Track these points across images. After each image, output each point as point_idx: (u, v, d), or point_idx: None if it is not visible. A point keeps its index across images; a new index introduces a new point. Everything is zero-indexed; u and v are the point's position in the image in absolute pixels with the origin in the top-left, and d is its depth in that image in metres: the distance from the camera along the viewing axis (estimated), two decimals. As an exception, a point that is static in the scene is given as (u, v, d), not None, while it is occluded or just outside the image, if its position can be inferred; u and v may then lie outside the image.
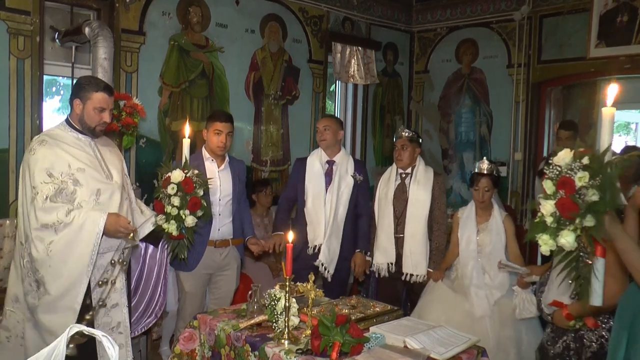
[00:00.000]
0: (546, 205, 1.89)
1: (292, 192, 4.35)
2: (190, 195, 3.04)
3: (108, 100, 2.99)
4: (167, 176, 3.06)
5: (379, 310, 2.99)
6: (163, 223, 3.05)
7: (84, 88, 2.97)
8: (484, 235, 3.89)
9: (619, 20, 5.50)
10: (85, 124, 2.98)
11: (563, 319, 2.81)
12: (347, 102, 6.89)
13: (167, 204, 3.02)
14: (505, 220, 3.92)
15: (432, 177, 4.22)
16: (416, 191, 4.19)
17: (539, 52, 6.20)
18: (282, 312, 2.59)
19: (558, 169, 1.90)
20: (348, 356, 2.40)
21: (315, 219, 4.15)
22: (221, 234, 3.89)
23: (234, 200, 3.95)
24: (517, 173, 6.37)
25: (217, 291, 4.00)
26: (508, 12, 6.32)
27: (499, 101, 6.53)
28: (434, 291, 4.02)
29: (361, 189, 4.27)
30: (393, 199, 4.23)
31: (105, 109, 2.97)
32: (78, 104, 2.96)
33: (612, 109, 1.89)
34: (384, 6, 6.84)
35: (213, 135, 3.80)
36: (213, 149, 3.83)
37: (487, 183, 3.88)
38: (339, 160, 4.23)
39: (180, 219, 3.02)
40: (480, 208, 3.96)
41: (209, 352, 2.91)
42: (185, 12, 5.12)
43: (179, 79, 5.10)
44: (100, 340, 0.99)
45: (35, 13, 4.25)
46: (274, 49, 5.80)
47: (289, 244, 2.60)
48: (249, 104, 5.64)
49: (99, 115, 2.95)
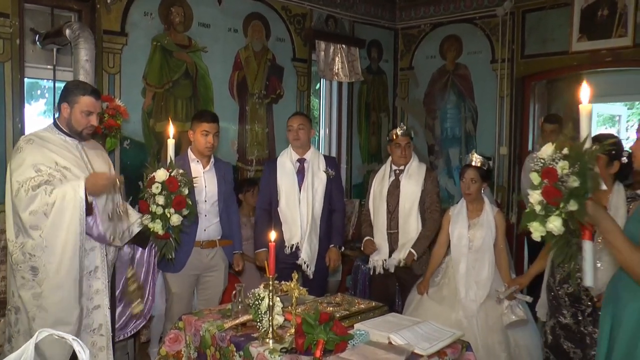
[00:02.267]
0: (534, 195, 2.04)
1: (266, 199, 4.30)
2: (175, 194, 3.07)
3: (95, 103, 3.04)
4: (152, 176, 3.09)
5: (363, 307, 3.00)
6: (149, 222, 3.09)
7: (72, 92, 3.03)
8: (475, 230, 3.88)
9: (600, 14, 5.54)
10: (72, 127, 3.03)
11: None
12: (332, 100, 6.88)
13: (152, 203, 3.06)
14: (497, 215, 3.91)
15: (425, 172, 4.26)
16: (407, 185, 4.23)
17: (522, 47, 6.23)
18: (266, 312, 2.59)
19: (542, 161, 2.05)
20: (332, 354, 2.41)
21: (290, 218, 4.15)
22: (207, 235, 3.89)
23: (220, 201, 3.95)
24: (503, 167, 6.40)
25: (205, 292, 4.01)
26: (491, 7, 6.34)
27: (483, 96, 6.56)
28: (418, 308, 3.96)
29: (334, 184, 4.29)
30: (387, 195, 4.26)
31: (92, 112, 3.03)
32: (66, 107, 3.01)
33: (589, 106, 2.02)
34: (367, 4, 6.84)
35: (200, 136, 3.81)
36: (201, 150, 3.84)
37: (473, 174, 3.87)
38: (310, 157, 4.24)
39: (166, 217, 3.05)
40: (469, 202, 3.94)
41: (195, 353, 2.91)
42: (168, 12, 5.09)
43: (162, 80, 5.08)
44: (71, 344, 0.98)
45: (15, 15, 4.21)
46: (258, 48, 5.79)
47: (272, 243, 2.60)
48: (233, 104, 5.62)
49: (86, 118, 3.01)
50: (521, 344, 3.72)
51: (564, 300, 3.18)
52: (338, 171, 4.38)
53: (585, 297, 3.09)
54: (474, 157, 3.93)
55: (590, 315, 3.09)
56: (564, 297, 3.18)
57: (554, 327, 3.27)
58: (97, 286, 3.06)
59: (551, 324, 3.29)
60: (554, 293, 3.25)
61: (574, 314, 3.15)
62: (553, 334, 3.27)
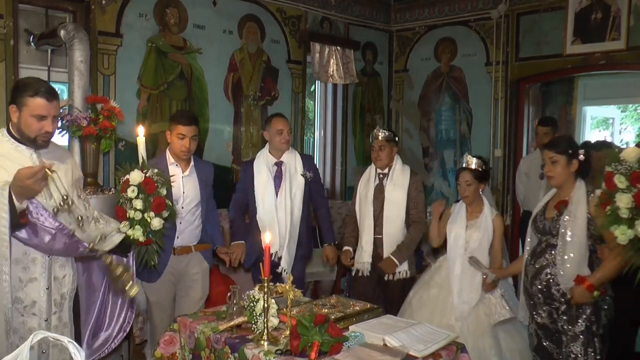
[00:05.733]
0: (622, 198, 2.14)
1: (242, 196, 4.22)
2: (153, 195, 2.82)
3: (48, 106, 2.56)
4: (126, 179, 2.82)
5: (358, 309, 2.99)
6: (127, 230, 2.80)
7: (19, 93, 2.57)
8: (472, 231, 3.88)
9: (594, 17, 5.58)
10: (23, 134, 2.58)
11: (585, 292, 2.93)
12: (327, 102, 6.90)
13: (129, 209, 2.78)
14: (496, 219, 3.90)
15: (409, 177, 4.20)
16: (392, 192, 4.17)
17: (516, 50, 6.25)
18: (261, 313, 2.59)
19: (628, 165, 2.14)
20: (327, 355, 2.40)
21: (269, 225, 4.01)
22: (181, 241, 3.72)
23: (202, 206, 3.80)
24: (498, 170, 6.42)
25: (183, 300, 3.81)
26: (486, 10, 6.37)
27: (478, 99, 6.58)
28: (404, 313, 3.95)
29: (313, 184, 4.20)
30: (372, 199, 4.22)
31: (45, 117, 2.56)
32: (14, 110, 2.57)
33: None
34: (362, 6, 6.85)
35: (176, 139, 3.62)
36: (177, 153, 3.67)
37: (467, 177, 3.87)
38: (287, 160, 4.13)
39: (146, 222, 2.80)
40: (467, 204, 3.94)
41: (190, 354, 2.89)
42: (163, 14, 5.09)
43: (157, 81, 5.07)
44: (67, 346, 0.98)
45: (9, 16, 4.20)
46: (253, 49, 5.79)
47: (267, 245, 2.60)
48: (228, 105, 5.62)
49: (37, 123, 2.55)
50: (513, 348, 3.73)
51: (538, 297, 3.21)
52: (316, 170, 4.28)
53: (557, 293, 3.11)
54: (469, 160, 3.93)
55: (564, 313, 3.11)
56: (537, 294, 3.20)
57: (536, 328, 3.31)
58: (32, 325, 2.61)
59: (534, 325, 3.32)
60: (528, 292, 3.29)
61: (549, 312, 3.18)
62: (536, 335, 3.30)
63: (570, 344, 3.07)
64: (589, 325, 3.03)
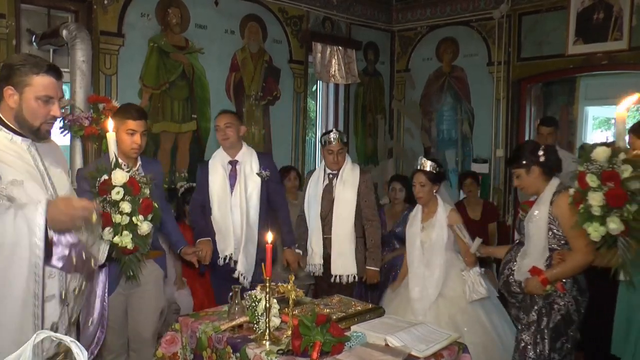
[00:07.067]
0: (594, 196, 2.19)
1: (200, 195, 4.04)
2: (140, 196, 2.54)
3: (56, 85, 2.17)
4: (105, 180, 2.50)
5: (360, 309, 2.99)
6: (113, 237, 2.47)
7: (18, 70, 2.12)
8: (428, 231, 3.91)
9: (596, 17, 5.57)
10: (24, 122, 2.16)
11: (538, 285, 3.02)
12: (329, 102, 6.90)
13: (116, 213, 2.47)
14: (451, 213, 3.90)
15: (359, 176, 4.16)
16: (342, 191, 4.12)
17: (518, 50, 6.25)
18: (263, 313, 2.59)
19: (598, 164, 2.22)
20: (329, 355, 2.40)
21: (224, 227, 3.88)
22: None
23: None
24: (499, 169, 6.42)
25: (135, 313, 3.41)
26: (487, 10, 6.37)
27: (480, 99, 6.58)
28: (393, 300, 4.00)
29: (271, 184, 4.02)
30: (320, 199, 4.18)
31: (53, 98, 2.17)
32: (11, 93, 2.13)
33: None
34: (364, 5, 6.85)
35: (125, 135, 3.19)
36: (125, 151, 3.21)
37: (421, 178, 3.91)
38: (242, 158, 3.95)
39: (134, 227, 2.50)
40: (422, 204, 3.98)
41: (191, 354, 2.89)
42: (165, 14, 5.09)
43: (159, 81, 5.07)
44: (69, 346, 0.98)
45: (11, 16, 4.21)
46: (254, 49, 5.79)
47: (269, 245, 2.60)
48: (230, 105, 5.61)
49: (44, 107, 2.15)
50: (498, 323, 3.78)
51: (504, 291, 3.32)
52: (274, 168, 4.11)
53: (515, 284, 3.20)
54: (423, 162, 3.96)
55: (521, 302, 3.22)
56: (502, 287, 3.33)
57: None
58: None
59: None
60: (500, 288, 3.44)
61: (514, 305, 3.29)
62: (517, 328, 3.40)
63: (522, 333, 3.15)
64: (540, 316, 3.09)
